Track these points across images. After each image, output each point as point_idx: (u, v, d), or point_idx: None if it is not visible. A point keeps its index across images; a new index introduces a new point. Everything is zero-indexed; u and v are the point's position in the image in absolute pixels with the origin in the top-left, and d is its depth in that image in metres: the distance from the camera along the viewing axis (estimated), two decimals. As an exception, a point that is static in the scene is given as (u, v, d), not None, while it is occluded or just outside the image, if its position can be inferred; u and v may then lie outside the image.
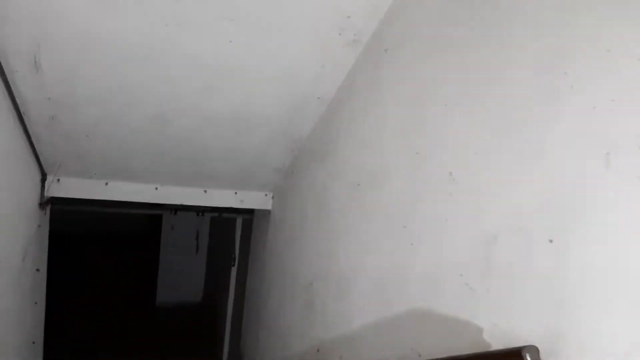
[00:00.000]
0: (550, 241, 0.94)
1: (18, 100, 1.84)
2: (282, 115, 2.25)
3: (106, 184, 2.74)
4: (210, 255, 6.38)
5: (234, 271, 4.43)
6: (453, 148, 1.28)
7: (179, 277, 6.48)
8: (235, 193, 3.08)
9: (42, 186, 2.56)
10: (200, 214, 3.83)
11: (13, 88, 1.76)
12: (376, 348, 1.57)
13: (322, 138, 2.24)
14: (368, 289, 1.66)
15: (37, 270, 2.62)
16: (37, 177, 2.49)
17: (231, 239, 4.48)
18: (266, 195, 3.14)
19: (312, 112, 2.23)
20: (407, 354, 1.37)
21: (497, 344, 1.04)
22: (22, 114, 1.97)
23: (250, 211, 3.76)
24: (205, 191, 3.01)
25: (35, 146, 2.26)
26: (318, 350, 2.08)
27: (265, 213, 3.22)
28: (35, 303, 2.60)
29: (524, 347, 0.91)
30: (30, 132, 2.12)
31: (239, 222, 4.38)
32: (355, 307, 1.76)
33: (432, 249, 1.31)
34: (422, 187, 1.38)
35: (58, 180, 2.61)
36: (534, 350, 0.90)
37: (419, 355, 1.32)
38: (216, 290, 5.28)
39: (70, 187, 2.65)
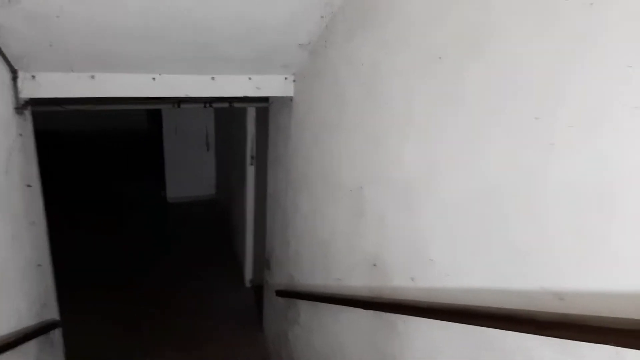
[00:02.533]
0: None
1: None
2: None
3: (92, 77, 2.22)
4: (220, 147, 5.99)
5: (250, 167, 4.06)
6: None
7: (188, 173, 6.17)
8: (250, 78, 2.55)
9: (15, 86, 2.05)
10: (207, 105, 3.33)
11: None
12: (472, 278, 1.20)
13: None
14: (458, 201, 1.24)
15: (28, 186, 2.21)
16: (6, 74, 1.97)
17: (243, 131, 4.03)
18: (286, 78, 2.61)
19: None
20: (538, 295, 0.99)
21: None
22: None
23: (265, 99, 3.26)
24: (212, 78, 2.47)
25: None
26: (375, 265, 1.74)
27: (286, 101, 2.72)
28: (33, 223, 2.24)
29: None
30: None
31: (251, 112, 3.89)
32: (435, 222, 1.35)
33: (597, 152, 0.85)
34: (585, 53, 0.87)
35: (33, 77, 2.09)
36: None
37: (561, 299, 0.94)
38: (231, 185, 4.97)
39: (49, 84, 2.13)
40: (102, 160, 7.87)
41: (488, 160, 1.12)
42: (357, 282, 1.92)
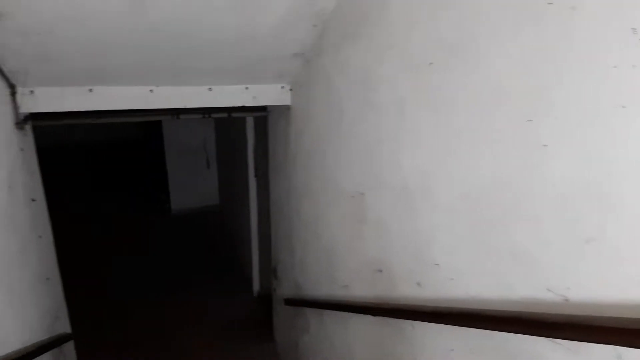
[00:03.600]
0: None
1: None
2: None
3: (90, 90, 2.23)
4: (221, 156, 6.00)
5: (252, 172, 4.06)
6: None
7: (191, 184, 6.18)
8: (246, 88, 2.56)
9: (14, 101, 2.06)
10: (206, 115, 3.33)
11: None
12: (477, 281, 1.20)
13: (359, 2, 1.65)
14: (454, 205, 1.23)
15: (33, 200, 2.22)
16: (4, 90, 1.98)
17: (243, 140, 4.04)
18: (282, 87, 2.61)
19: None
20: (541, 295, 0.98)
21: None
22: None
23: (263, 108, 3.26)
24: (210, 89, 2.49)
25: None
26: (381, 271, 1.74)
27: (283, 110, 2.72)
28: (40, 237, 2.25)
29: None
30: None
31: (250, 121, 3.90)
32: (435, 226, 1.35)
33: (593, 151, 0.85)
34: (572, 57, 0.87)
35: (31, 92, 2.10)
36: None
37: (566, 300, 0.93)
38: (235, 194, 4.97)
39: (48, 98, 2.14)
40: (98, 172, 7.95)
41: (480, 163, 1.11)
42: (363, 288, 1.91)
